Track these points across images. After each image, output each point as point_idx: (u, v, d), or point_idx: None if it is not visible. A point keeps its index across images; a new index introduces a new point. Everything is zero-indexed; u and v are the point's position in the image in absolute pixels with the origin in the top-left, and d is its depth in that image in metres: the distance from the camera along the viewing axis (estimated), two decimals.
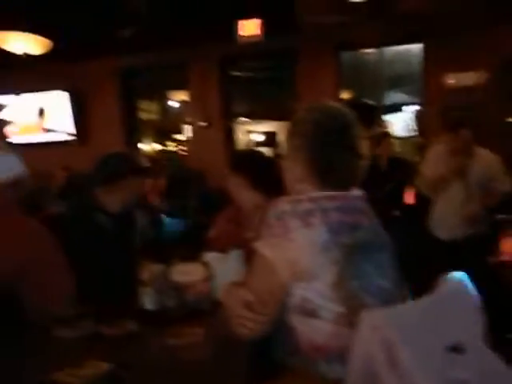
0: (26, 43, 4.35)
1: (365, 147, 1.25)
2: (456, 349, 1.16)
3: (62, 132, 6.54)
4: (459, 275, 1.26)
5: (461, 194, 3.21)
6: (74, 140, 6.51)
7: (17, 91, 6.54)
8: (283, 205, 1.18)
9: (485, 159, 3.20)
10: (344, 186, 1.23)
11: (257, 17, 4.82)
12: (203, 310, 1.58)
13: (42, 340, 1.33)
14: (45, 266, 1.54)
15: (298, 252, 1.13)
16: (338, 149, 1.21)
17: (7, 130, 6.76)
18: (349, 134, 1.22)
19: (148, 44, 5.45)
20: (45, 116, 6.60)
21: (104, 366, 1.17)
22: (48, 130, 6.61)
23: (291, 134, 1.27)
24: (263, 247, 1.17)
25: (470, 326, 1.22)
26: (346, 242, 1.15)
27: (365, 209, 1.26)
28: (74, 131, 6.48)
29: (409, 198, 3.85)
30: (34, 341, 1.32)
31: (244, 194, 2.00)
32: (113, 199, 1.97)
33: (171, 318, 1.51)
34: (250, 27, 4.87)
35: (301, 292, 1.15)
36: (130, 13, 4.40)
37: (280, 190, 1.98)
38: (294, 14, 4.45)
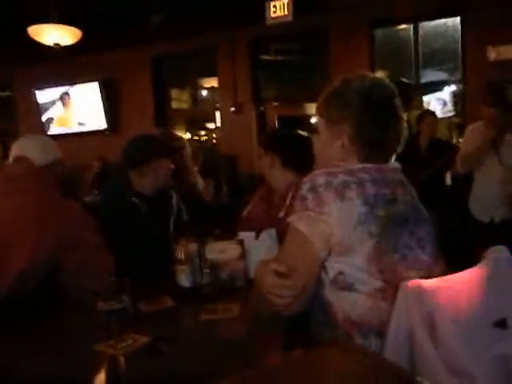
0: (57, 34, 4.44)
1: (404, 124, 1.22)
2: (501, 324, 1.11)
3: (95, 123, 6.69)
4: (503, 250, 1.21)
5: (499, 173, 3.08)
6: (106, 130, 6.64)
7: (50, 84, 6.72)
8: (317, 178, 1.15)
9: None
10: (386, 158, 1.20)
11: None
12: (237, 287, 1.58)
13: (82, 314, 1.37)
14: (85, 244, 1.59)
15: (333, 225, 1.10)
16: (383, 120, 1.18)
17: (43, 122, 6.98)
18: (393, 103, 1.20)
19: (177, 31, 5.47)
20: (70, 105, 6.73)
21: (143, 339, 1.19)
22: (80, 122, 6.77)
23: (330, 106, 1.22)
24: (297, 221, 1.15)
25: None
26: (383, 214, 1.12)
27: (402, 181, 1.22)
28: (106, 121, 6.61)
29: None
30: (74, 315, 1.37)
31: (276, 173, 1.99)
32: (144, 181, 1.99)
33: (206, 296, 1.53)
34: (279, 8, 4.79)
35: (337, 265, 1.13)
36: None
37: (312, 168, 1.97)
38: None
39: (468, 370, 0.96)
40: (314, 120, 6.58)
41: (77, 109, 6.77)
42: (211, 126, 7.54)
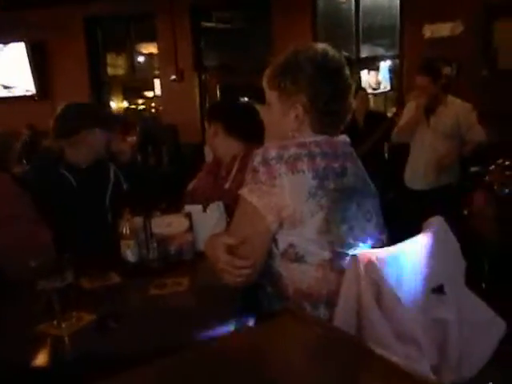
0: None
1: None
2: (438, 290, 1.19)
3: (22, 87, 6.19)
4: (441, 220, 1.28)
5: (429, 141, 3.26)
6: (35, 95, 6.18)
7: None
8: (269, 150, 1.14)
9: (457, 107, 3.23)
10: (337, 129, 1.22)
11: None
12: (185, 260, 1.56)
13: (24, 294, 1.29)
14: (18, 219, 1.49)
15: (285, 198, 1.11)
16: (337, 88, 1.18)
17: None
18: (345, 73, 1.20)
19: None
20: None
21: (88, 317, 1.15)
22: (6, 86, 6.25)
23: (283, 77, 1.20)
24: (249, 193, 1.14)
25: (452, 268, 1.26)
26: (333, 187, 1.14)
27: (352, 154, 1.24)
28: (34, 86, 6.14)
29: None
30: (13, 296, 1.29)
31: (220, 143, 1.97)
32: (76, 153, 1.88)
33: (153, 270, 1.50)
34: None
35: (287, 238, 1.14)
36: None
37: (257, 137, 1.97)
38: None
39: (412, 335, 1.02)
40: (254, 88, 6.55)
41: (3, 72, 6.21)
42: (150, 94, 7.25)
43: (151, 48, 6.45)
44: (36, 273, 1.14)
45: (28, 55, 5.96)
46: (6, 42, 6.00)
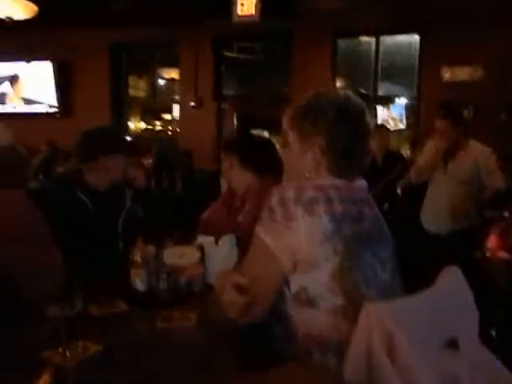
0: (9, 7, 4.14)
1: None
2: (452, 344, 1.16)
3: (45, 104, 6.34)
4: (456, 270, 1.26)
5: (447, 186, 3.22)
6: (58, 113, 6.32)
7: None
8: (287, 191, 1.14)
9: (477, 152, 3.17)
10: (355, 173, 1.22)
11: None
12: (195, 293, 1.55)
13: (32, 316, 1.29)
14: (32, 240, 1.49)
15: (300, 240, 1.10)
16: (356, 132, 1.19)
17: None
18: (365, 117, 1.21)
19: (141, 18, 5.30)
20: (20, 83, 6.37)
21: (94, 347, 1.14)
22: (28, 101, 6.40)
23: (303, 119, 1.22)
24: (264, 233, 1.14)
25: (466, 321, 1.23)
26: (349, 232, 1.13)
27: (368, 200, 1.24)
28: (57, 104, 6.29)
29: None
30: (25, 317, 1.28)
31: (235, 175, 1.99)
32: (95, 177, 1.90)
33: (162, 301, 1.48)
34: (246, 6, 4.76)
35: (300, 281, 1.13)
36: None
37: (272, 171, 1.98)
38: None
39: None
40: (271, 119, 6.63)
41: (27, 88, 6.38)
42: (168, 117, 7.39)
43: (173, 73, 6.60)
44: (47, 297, 1.13)
45: (54, 73, 6.12)
46: (33, 59, 6.18)
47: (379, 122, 5.32)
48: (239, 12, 4.74)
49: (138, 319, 1.41)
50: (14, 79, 6.38)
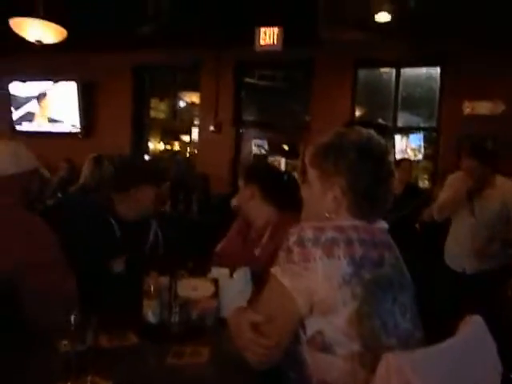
0: (40, 31, 4.28)
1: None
2: None
3: (68, 123, 6.48)
4: (479, 320, 1.22)
5: (472, 225, 3.12)
6: (80, 133, 6.45)
7: (25, 78, 6.49)
8: (306, 231, 1.12)
9: (506, 189, 3.05)
10: (376, 215, 1.19)
11: (277, 26, 4.79)
12: (207, 327, 1.52)
13: (43, 352, 1.27)
14: (44, 266, 1.48)
15: (318, 283, 1.07)
16: (378, 174, 1.17)
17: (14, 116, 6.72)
18: (388, 159, 1.20)
19: (165, 42, 5.42)
20: (46, 103, 6.53)
21: (103, 383, 1.11)
22: (53, 120, 6.55)
23: (325, 158, 1.20)
24: (281, 273, 1.12)
25: (487, 373, 1.18)
26: (369, 276, 1.10)
27: (390, 244, 1.21)
28: (80, 124, 6.42)
29: None
30: (35, 352, 1.27)
31: (255, 206, 1.96)
32: (125, 207, 1.91)
33: (173, 334, 1.46)
34: (269, 36, 4.84)
35: (317, 325, 1.10)
36: (152, 10, 4.36)
37: (292, 207, 1.95)
38: (314, 26, 4.42)
39: None
40: (289, 146, 6.66)
41: (52, 107, 6.54)
42: (186, 139, 7.48)
43: (193, 97, 6.70)
44: (59, 329, 1.12)
45: (78, 94, 6.27)
46: (58, 80, 6.35)
47: (397, 151, 5.29)
48: (261, 41, 4.81)
49: (149, 353, 1.38)
50: (40, 97, 6.54)
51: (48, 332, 1.23)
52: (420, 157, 5.63)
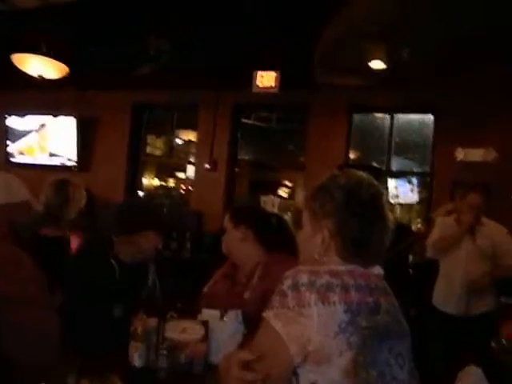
0: (43, 66, 4.37)
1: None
2: None
3: (65, 157, 6.49)
4: (478, 371, 1.17)
5: (466, 263, 3.17)
6: (74, 167, 6.44)
7: (24, 112, 6.55)
8: (301, 275, 1.09)
9: (493, 228, 3.19)
10: (369, 260, 1.16)
11: (274, 70, 4.92)
12: (196, 373, 1.46)
13: None
14: (24, 301, 1.42)
15: (312, 330, 1.03)
16: (366, 218, 1.15)
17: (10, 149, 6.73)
18: (379, 203, 1.17)
19: (164, 82, 5.53)
20: (43, 136, 6.56)
21: None
22: (51, 154, 6.57)
23: (315, 200, 1.20)
24: (274, 318, 1.08)
25: None
26: (365, 324, 1.06)
27: (386, 290, 1.18)
28: (76, 158, 6.43)
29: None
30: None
31: (247, 249, 1.93)
32: (125, 250, 1.87)
33: (160, 380, 1.39)
34: (266, 79, 4.95)
35: (310, 375, 1.05)
36: (153, 50, 4.47)
37: (281, 247, 1.93)
38: (311, 70, 4.54)
39: None
40: (282, 186, 6.70)
41: (48, 141, 6.57)
42: (181, 175, 7.50)
43: (190, 135, 6.77)
44: (39, 372, 1.07)
45: (77, 129, 6.32)
46: (58, 115, 6.41)
47: (390, 195, 5.34)
48: (259, 83, 4.92)
49: None
50: (38, 131, 6.58)
51: (28, 374, 1.17)
52: (413, 201, 5.67)
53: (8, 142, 6.71)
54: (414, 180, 5.63)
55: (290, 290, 1.08)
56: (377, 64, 4.17)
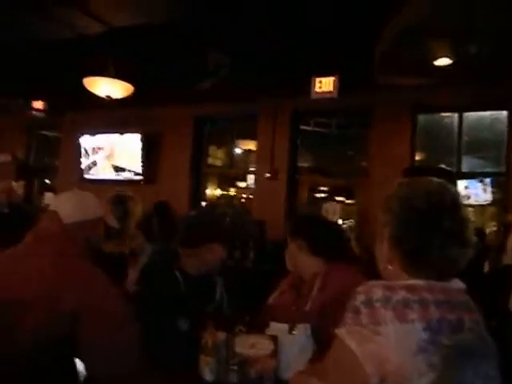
0: (110, 87, 4.63)
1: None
2: None
3: (132, 171, 6.80)
4: None
5: None
6: (141, 180, 6.73)
7: (95, 131, 6.95)
8: (374, 291, 1.03)
9: None
10: (438, 274, 1.08)
11: (333, 74, 4.84)
12: None
13: None
14: (106, 317, 1.47)
15: (389, 350, 0.97)
16: (422, 229, 1.06)
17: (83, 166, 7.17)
18: (446, 216, 1.07)
19: (225, 95, 5.63)
20: (112, 153, 6.90)
21: None
22: (118, 169, 6.90)
23: (381, 209, 1.15)
24: (347, 335, 1.03)
25: None
26: (447, 343, 0.99)
27: (469, 305, 1.09)
28: (142, 172, 6.71)
29: None
30: None
31: (303, 260, 1.89)
32: (191, 263, 1.88)
33: None
34: (324, 84, 4.88)
35: None
36: (212, 65, 4.57)
37: (340, 256, 1.87)
38: (371, 72, 4.41)
39: None
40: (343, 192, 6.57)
41: (117, 158, 6.93)
42: (242, 184, 7.60)
43: (250, 145, 6.85)
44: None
45: (142, 145, 6.61)
46: (124, 132, 6.75)
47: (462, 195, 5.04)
48: (317, 89, 4.86)
49: None
50: (107, 148, 6.96)
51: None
52: (487, 201, 5.31)
53: (81, 160, 7.15)
54: (487, 180, 5.28)
55: (363, 306, 1.03)
56: (442, 61, 3.96)
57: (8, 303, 1.37)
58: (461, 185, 5.27)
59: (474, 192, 5.33)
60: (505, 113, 4.88)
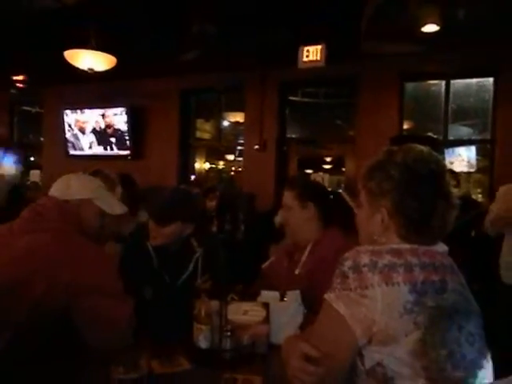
0: (92, 60, 4.51)
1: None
2: None
3: (119, 148, 6.72)
4: None
5: None
6: (129, 155, 6.66)
7: (78, 106, 6.82)
8: (361, 256, 1.07)
9: None
10: (432, 239, 1.12)
11: (319, 43, 4.78)
12: (259, 354, 1.48)
13: (97, 379, 1.28)
14: (100, 291, 1.49)
15: (376, 311, 1.01)
16: (426, 196, 1.09)
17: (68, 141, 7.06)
18: (440, 179, 1.11)
19: (210, 66, 5.54)
20: (97, 128, 6.80)
21: None
22: (104, 144, 6.81)
23: (371, 179, 1.16)
24: (336, 300, 1.06)
25: None
26: (432, 304, 1.03)
27: (452, 267, 1.13)
28: (129, 147, 6.64)
29: None
30: (88, 380, 1.28)
31: (311, 227, 1.91)
32: (160, 236, 1.87)
33: (225, 361, 1.43)
34: (312, 53, 4.83)
35: (376, 355, 1.03)
36: (196, 36, 4.48)
37: (335, 222, 1.91)
38: (357, 41, 4.36)
39: None
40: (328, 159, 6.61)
41: (102, 133, 6.83)
42: (231, 157, 7.59)
43: (238, 117, 6.79)
44: (112, 356, 1.12)
45: (128, 119, 6.51)
46: (109, 107, 6.63)
47: (447, 164, 5.09)
48: (305, 58, 4.81)
49: (201, 381, 1.36)
50: (90, 122, 6.85)
51: (101, 358, 1.23)
52: (472, 169, 5.39)
53: (66, 136, 7.04)
54: (472, 147, 5.34)
55: (351, 272, 1.06)
56: (429, 28, 3.93)
57: (7, 278, 1.38)
58: (447, 152, 5.32)
59: (460, 159, 5.40)
60: (491, 80, 4.89)
